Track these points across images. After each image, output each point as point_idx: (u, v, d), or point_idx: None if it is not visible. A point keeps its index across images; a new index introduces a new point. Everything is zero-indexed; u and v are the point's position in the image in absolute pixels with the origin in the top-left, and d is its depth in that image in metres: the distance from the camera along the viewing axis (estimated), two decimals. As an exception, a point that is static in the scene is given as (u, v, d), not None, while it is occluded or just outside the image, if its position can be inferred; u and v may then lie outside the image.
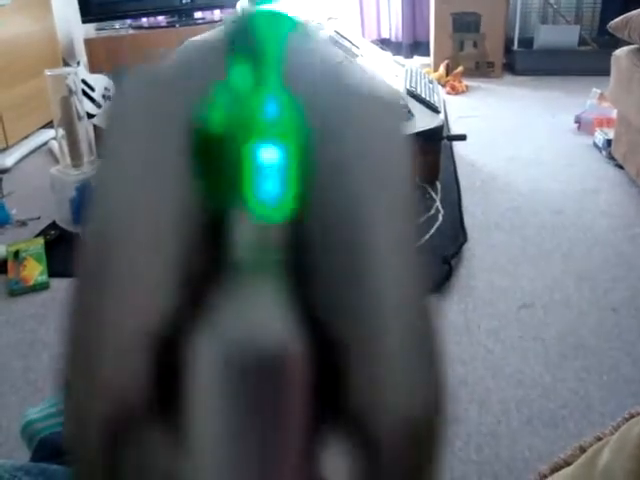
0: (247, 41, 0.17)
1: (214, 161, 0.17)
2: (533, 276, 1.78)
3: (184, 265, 0.16)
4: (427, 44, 4.26)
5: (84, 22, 3.67)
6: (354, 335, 0.16)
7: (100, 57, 3.58)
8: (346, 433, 0.16)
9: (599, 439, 0.53)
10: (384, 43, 4.38)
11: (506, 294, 1.70)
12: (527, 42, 4.13)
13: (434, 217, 2.06)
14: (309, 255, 0.17)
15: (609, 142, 2.57)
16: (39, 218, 2.26)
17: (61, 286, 1.83)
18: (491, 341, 1.51)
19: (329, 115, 0.17)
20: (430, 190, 2.24)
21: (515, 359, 1.45)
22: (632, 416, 0.51)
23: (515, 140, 2.86)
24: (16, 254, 1.92)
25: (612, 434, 0.52)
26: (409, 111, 2.13)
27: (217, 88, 0.17)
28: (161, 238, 0.16)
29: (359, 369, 0.16)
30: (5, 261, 1.92)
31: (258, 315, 0.16)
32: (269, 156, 0.16)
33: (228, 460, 0.15)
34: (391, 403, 0.16)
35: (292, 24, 0.19)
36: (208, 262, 0.17)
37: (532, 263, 1.84)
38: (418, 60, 4.35)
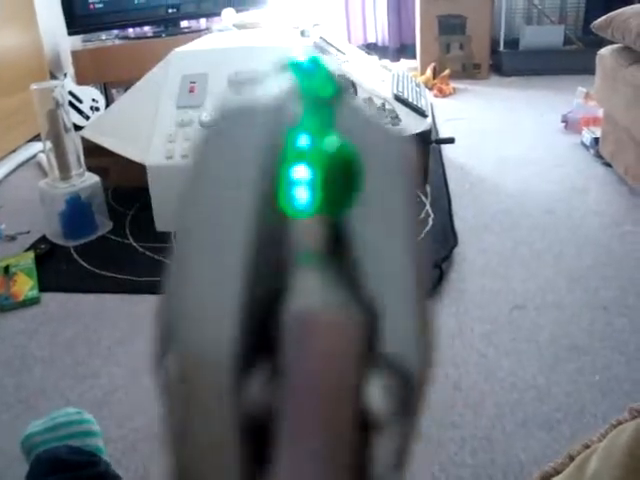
0: (309, 94, 0.24)
1: (283, 179, 0.23)
2: (525, 277, 1.78)
3: (264, 256, 0.23)
4: (413, 47, 4.28)
5: (70, 34, 3.65)
6: (391, 297, 0.23)
7: (87, 68, 3.57)
8: (386, 371, 0.22)
9: (587, 447, 0.53)
10: (371, 47, 4.39)
11: (498, 296, 1.70)
12: (513, 43, 4.15)
13: (424, 221, 2.06)
14: (354, 248, 0.23)
15: (596, 141, 2.58)
16: (29, 232, 2.25)
17: (52, 301, 1.82)
18: (484, 344, 1.51)
19: (376, 154, 0.24)
20: (420, 194, 2.24)
21: (508, 362, 1.45)
22: (620, 423, 0.51)
23: (503, 141, 2.87)
24: (6, 269, 1.91)
25: (600, 441, 0.52)
26: (396, 116, 2.13)
27: (290, 129, 0.23)
28: (240, 241, 0.22)
29: (395, 325, 0.23)
30: (-5, 277, 1.91)
31: (323, 294, 0.22)
32: (309, 175, 0.23)
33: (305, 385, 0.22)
34: (419, 349, 0.23)
35: (334, 82, 0.25)
36: (280, 256, 0.23)
37: (523, 264, 1.85)
38: (405, 63, 4.36)
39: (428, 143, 2.25)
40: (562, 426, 1.26)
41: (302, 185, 0.22)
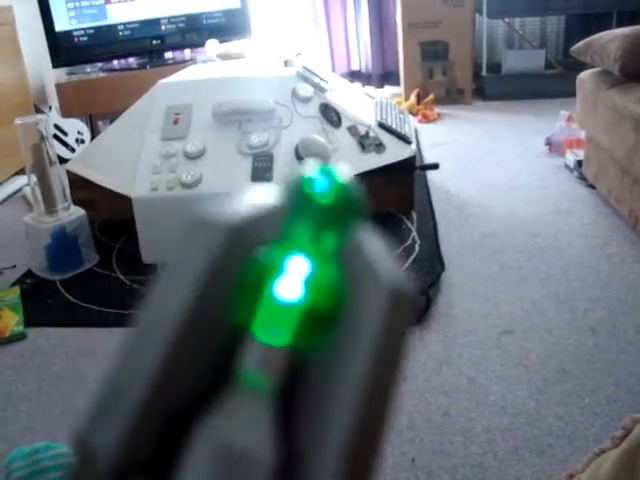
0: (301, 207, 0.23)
1: (250, 289, 0.22)
2: (512, 301, 1.79)
3: (203, 368, 0.22)
4: (397, 74, 4.32)
5: (55, 67, 3.66)
6: (321, 458, 0.20)
7: (72, 101, 3.58)
8: None
9: (571, 476, 0.53)
10: (354, 75, 4.43)
11: (486, 321, 1.70)
12: (495, 67, 4.21)
13: (411, 247, 2.06)
14: (299, 385, 0.22)
15: (580, 163, 2.61)
16: (14, 267, 2.23)
17: (38, 336, 1.80)
18: (473, 370, 1.51)
19: (366, 302, 0.21)
20: (406, 220, 2.25)
21: (498, 387, 1.45)
22: (602, 451, 0.51)
23: (488, 165, 2.89)
24: (-9, 305, 1.89)
25: (583, 470, 0.52)
26: (380, 143, 2.15)
27: (272, 243, 0.22)
28: (187, 344, 0.21)
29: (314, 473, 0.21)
30: (-20, 313, 1.89)
31: (245, 427, 0.21)
32: (294, 296, 0.21)
33: None
34: None
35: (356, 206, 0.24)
36: (220, 370, 0.22)
37: (510, 288, 1.85)
38: (389, 90, 4.40)
39: (413, 169, 2.27)
40: (554, 450, 1.26)
41: (282, 308, 0.21)
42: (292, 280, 0.21)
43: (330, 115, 2.19)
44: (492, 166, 2.88)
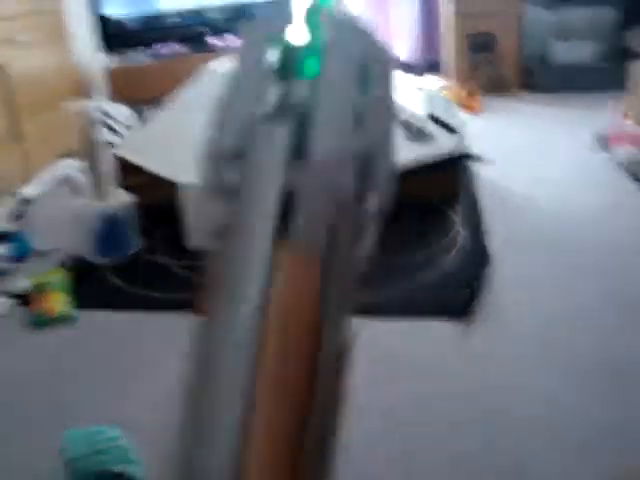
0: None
1: (288, 64, 0.36)
2: (559, 296, 1.76)
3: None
4: (444, 64, 4.27)
5: (103, 52, 3.72)
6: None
7: (120, 87, 3.63)
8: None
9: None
10: (401, 65, 4.39)
11: (532, 315, 1.68)
12: (543, 59, 4.13)
13: (455, 239, 2.04)
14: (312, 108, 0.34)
15: (630, 158, 2.55)
16: (60, 249, 2.27)
17: (85, 318, 1.84)
18: (519, 364, 1.49)
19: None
20: (450, 212, 2.23)
21: (545, 381, 1.42)
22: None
23: (535, 159, 2.85)
24: (39, 286, 1.93)
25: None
26: (428, 134, 2.13)
27: (284, 39, 0.37)
28: None
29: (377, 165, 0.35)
30: (28, 293, 1.93)
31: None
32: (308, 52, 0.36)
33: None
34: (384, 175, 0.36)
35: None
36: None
37: (558, 284, 1.82)
38: (435, 81, 4.36)
39: (459, 161, 2.24)
40: (602, 446, 1.23)
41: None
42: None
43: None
44: (539, 160, 2.83)
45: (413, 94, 2.49)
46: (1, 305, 1.93)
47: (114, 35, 3.69)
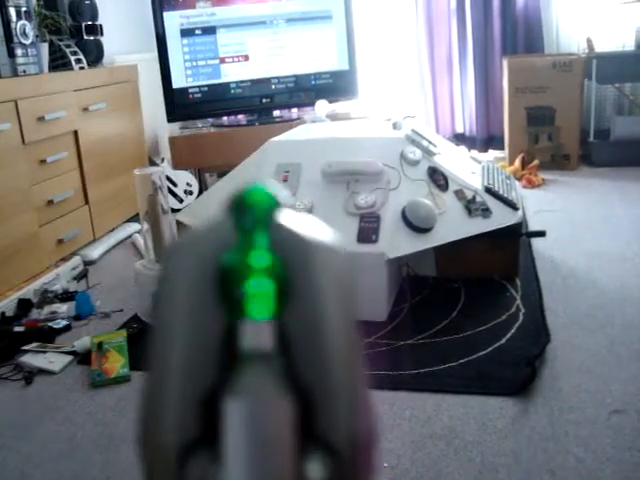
0: (246, 217, 0.34)
1: (229, 290, 0.32)
2: (624, 379, 1.70)
3: (217, 357, 0.32)
4: (501, 138, 4.29)
5: (169, 121, 3.87)
6: (319, 386, 0.30)
7: (183, 154, 3.75)
8: (319, 448, 0.30)
9: None
10: (459, 138, 4.43)
11: (595, 398, 1.62)
12: (603, 134, 4.10)
13: (515, 316, 2.01)
14: (290, 343, 0.31)
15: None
16: (122, 310, 2.32)
17: (141, 379, 1.86)
18: (581, 450, 1.43)
19: (300, 264, 0.33)
20: (510, 287, 2.20)
21: (610, 470, 1.36)
22: None
23: (596, 234, 2.80)
24: (99, 345, 1.97)
25: None
26: (487, 208, 2.12)
27: (230, 248, 0.33)
28: (204, 343, 0.32)
29: (322, 406, 0.30)
30: (89, 352, 1.97)
31: (260, 384, 0.29)
32: (261, 287, 0.31)
33: (246, 471, 0.28)
34: (342, 425, 0.30)
35: (274, 203, 0.35)
36: (231, 354, 0.31)
37: (621, 365, 1.76)
38: (493, 154, 4.37)
39: (519, 236, 2.22)
40: None
41: (254, 296, 0.31)
42: (257, 272, 0.32)
43: (437, 178, 2.19)
44: (600, 234, 2.78)
45: (470, 166, 2.50)
46: (60, 362, 1.98)
47: (180, 105, 3.83)
